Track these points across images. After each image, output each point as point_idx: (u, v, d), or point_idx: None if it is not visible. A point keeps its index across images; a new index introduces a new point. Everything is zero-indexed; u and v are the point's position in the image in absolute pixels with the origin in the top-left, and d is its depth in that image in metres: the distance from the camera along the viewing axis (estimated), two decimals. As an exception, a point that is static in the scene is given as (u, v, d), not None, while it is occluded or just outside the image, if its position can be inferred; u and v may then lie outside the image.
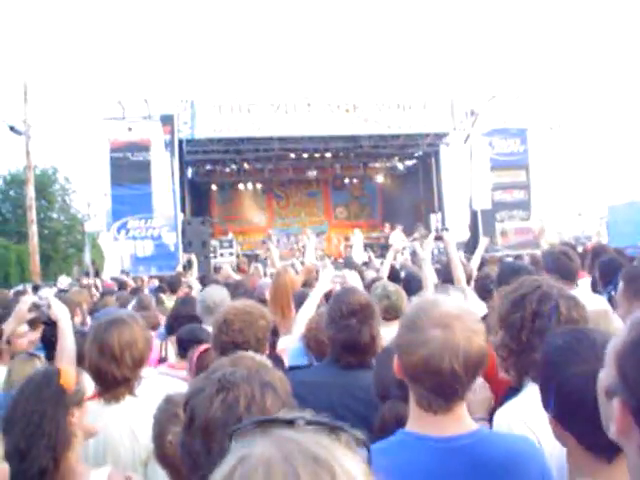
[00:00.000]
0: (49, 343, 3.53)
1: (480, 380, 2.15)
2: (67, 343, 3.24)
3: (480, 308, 3.79)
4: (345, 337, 2.65)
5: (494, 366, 2.10)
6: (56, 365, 2.91)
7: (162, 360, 4.26)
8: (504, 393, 2.21)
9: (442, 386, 1.62)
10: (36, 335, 4.03)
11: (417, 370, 1.62)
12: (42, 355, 3.67)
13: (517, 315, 2.03)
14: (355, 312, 2.67)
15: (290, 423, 0.84)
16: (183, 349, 4.02)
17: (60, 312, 3.33)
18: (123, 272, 15.59)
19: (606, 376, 1.10)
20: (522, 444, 1.73)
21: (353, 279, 3.56)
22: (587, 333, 1.67)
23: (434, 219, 20.92)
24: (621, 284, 3.28)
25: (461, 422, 1.69)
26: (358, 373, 2.62)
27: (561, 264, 4.28)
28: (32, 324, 3.90)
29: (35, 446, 1.96)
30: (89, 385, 2.28)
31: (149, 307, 6.24)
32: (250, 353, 1.58)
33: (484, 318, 2.16)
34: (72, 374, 2.16)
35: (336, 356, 2.73)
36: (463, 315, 1.67)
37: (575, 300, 2.09)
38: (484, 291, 4.42)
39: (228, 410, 1.32)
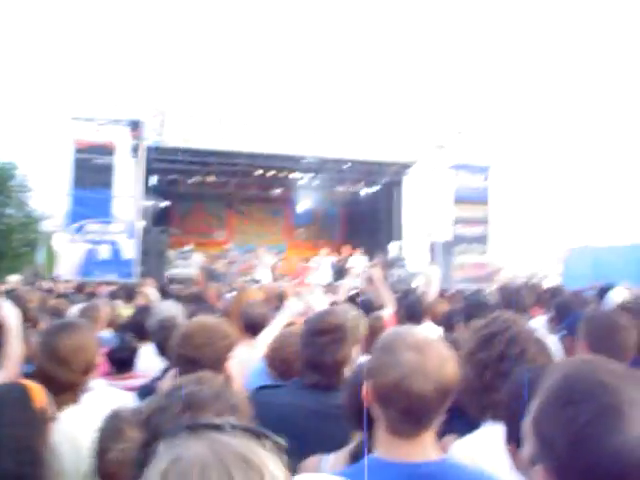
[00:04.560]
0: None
1: None
2: (13, 348, 3.13)
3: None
4: (310, 355, 2.63)
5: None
6: (5, 376, 2.83)
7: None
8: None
9: (412, 410, 1.63)
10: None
11: (388, 392, 1.64)
12: None
13: (484, 354, 2.04)
14: (325, 331, 2.65)
15: (218, 427, 0.85)
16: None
17: (8, 314, 3.22)
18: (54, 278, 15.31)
19: (527, 445, 1.12)
20: (487, 477, 1.73)
21: (318, 301, 3.53)
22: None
23: (393, 247, 21.07)
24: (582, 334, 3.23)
25: (428, 449, 1.69)
26: (326, 394, 2.58)
27: (515, 300, 4.36)
28: None
29: (31, 472, 1.90)
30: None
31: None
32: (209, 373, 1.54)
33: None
34: (41, 391, 2.06)
35: (303, 375, 2.70)
36: (436, 343, 1.72)
37: (542, 345, 2.11)
38: (448, 323, 4.44)
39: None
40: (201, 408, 1.30)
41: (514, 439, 1.57)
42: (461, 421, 1.97)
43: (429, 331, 1.84)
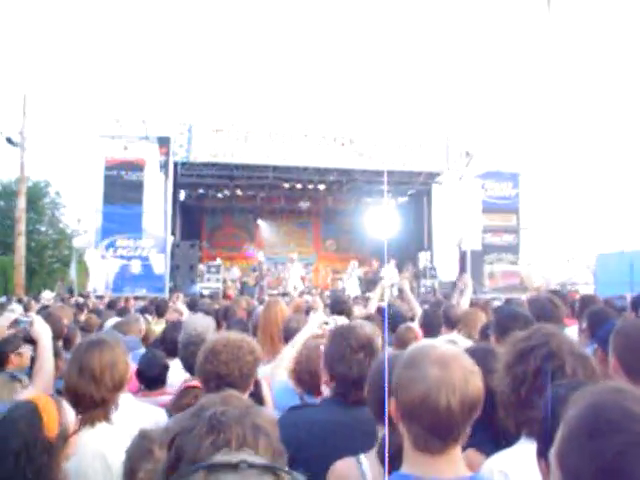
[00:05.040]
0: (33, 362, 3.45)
1: None
2: (45, 363, 3.16)
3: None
4: (356, 373, 2.60)
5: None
6: (34, 393, 2.85)
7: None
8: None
9: (438, 425, 1.61)
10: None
11: (414, 407, 1.62)
12: (25, 378, 3.54)
13: (521, 368, 2.00)
14: (363, 346, 2.63)
15: (234, 467, 0.85)
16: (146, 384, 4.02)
17: (41, 331, 3.25)
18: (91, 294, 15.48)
19: (552, 478, 1.08)
20: None
21: (317, 318, 3.50)
22: (585, 384, 1.65)
23: (423, 257, 20.96)
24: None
25: (457, 466, 1.67)
26: (361, 409, 2.54)
27: (547, 310, 4.26)
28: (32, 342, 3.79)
29: None
30: (70, 414, 2.18)
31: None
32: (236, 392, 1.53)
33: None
34: (54, 413, 2.04)
35: (343, 392, 2.63)
36: (460, 356, 1.70)
37: (585, 359, 2.06)
38: (483, 335, 4.34)
39: (218, 452, 1.27)
40: (225, 431, 1.29)
41: (545, 457, 1.53)
42: (483, 435, 1.94)
43: (453, 345, 1.81)
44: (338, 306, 5.73)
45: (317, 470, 1.97)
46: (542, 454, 1.54)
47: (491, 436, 2.15)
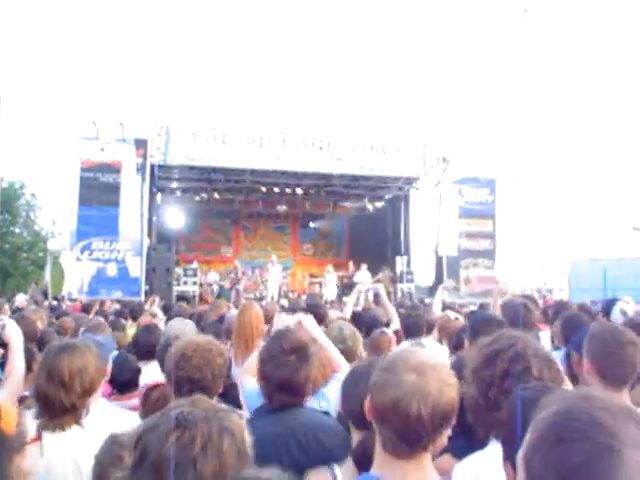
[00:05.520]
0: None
1: None
2: (16, 366, 3.15)
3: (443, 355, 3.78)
4: (285, 374, 2.59)
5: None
6: (4, 396, 2.82)
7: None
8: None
9: (407, 431, 1.62)
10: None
11: (386, 411, 1.64)
12: None
13: (488, 372, 2.01)
14: (295, 350, 2.62)
15: None
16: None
17: (13, 334, 3.23)
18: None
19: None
20: None
21: (309, 323, 3.49)
22: (552, 388, 1.68)
23: (400, 261, 21.04)
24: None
25: (426, 470, 1.69)
26: (293, 414, 2.54)
27: (520, 315, 4.29)
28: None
29: None
30: (30, 425, 2.17)
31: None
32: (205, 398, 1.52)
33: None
34: (13, 414, 2.04)
35: (270, 395, 2.62)
36: (439, 366, 1.71)
37: (550, 361, 2.08)
38: (457, 341, 4.36)
39: (183, 449, 1.27)
40: (190, 428, 1.29)
41: (511, 460, 1.55)
42: (458, 440, 1.95)
43: (433, 353, 1.83)
44: (312, 310, 5.73)
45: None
46: (508, 457, 1.56)
47: (468, 441, 2.16)
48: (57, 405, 2.51)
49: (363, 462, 2.03)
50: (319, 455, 2.34)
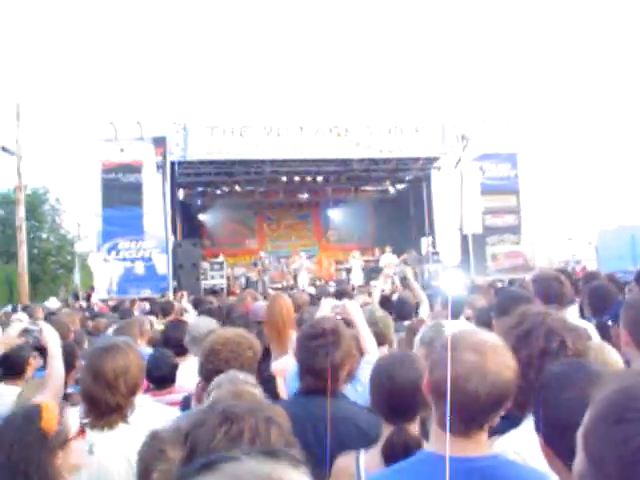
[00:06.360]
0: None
1: None
2: (55, 369, 3.22)
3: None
4: (309, 359, 2.61)
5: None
6: (43, 394, 2.89)
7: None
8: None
9: (463, 408, 1.63)
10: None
11: (443, 387, 1.64)
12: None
13: (524, 353, 2.01)
14: (325, 335, 2.63)
15: (233, 459, 0.84)
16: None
17: (50, 338, 3.30)
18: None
19: (579, 460, 1.04)
20: (540, 474, 1.71)
21: (353, 309, 3.51)
22: (585, 364, 1.70)
23: (425, 242, 20.96)
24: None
25: (480, 445, 1.71)
26: (323, 400, 2.52)
27: (553, 289, 4.22)
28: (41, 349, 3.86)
29: None
30: (74, 421, 2.22)
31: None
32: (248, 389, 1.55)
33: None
34: (55, 412, 2.09)
35: (303, 380, 2.66)
36: (499, 347, 1.72)
37: (578, 331, 2.08)
38: (484, 320, 4.32)
39: (232, 443, 1.29)
40: (238, 422, 1.31)
41: (540, 431, 1.55)
42: (505, 422, 1.95)
43: (494, 335, 1.83)
44: (341, 297, 5.76)
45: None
46: (537, 427, 1.57)
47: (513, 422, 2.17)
48: (104, 405, 2.57)
49: (392, 454, 2.06)
50: (345, 441, 2.35)
